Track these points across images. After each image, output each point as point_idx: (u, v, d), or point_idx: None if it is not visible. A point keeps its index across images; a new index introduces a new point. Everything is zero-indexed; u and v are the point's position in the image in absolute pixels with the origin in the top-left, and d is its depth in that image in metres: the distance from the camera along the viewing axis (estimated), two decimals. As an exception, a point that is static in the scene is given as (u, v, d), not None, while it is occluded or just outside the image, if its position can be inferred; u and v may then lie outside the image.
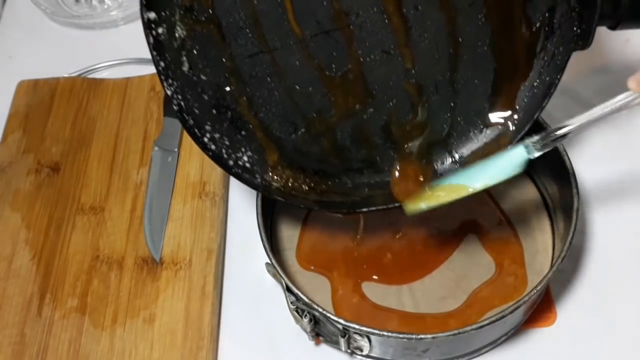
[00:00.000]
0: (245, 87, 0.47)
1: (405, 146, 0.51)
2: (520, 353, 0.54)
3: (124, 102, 0.70)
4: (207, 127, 0.47)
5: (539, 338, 0.55)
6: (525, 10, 0.47)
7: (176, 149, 0.65)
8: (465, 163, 0.51)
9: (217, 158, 0.48)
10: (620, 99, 0.41)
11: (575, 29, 0.45)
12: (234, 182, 0.65)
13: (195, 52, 0.45)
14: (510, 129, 0.50)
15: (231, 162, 0.48)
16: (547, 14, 0.47)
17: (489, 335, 0.52)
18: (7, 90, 0.71)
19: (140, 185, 0.64)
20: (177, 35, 0.45)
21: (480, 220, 0.58)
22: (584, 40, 0.45)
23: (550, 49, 0.47)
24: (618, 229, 0.60)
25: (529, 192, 0.59)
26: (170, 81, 0.45)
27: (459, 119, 0.51)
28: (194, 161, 0.64)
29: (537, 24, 0.47)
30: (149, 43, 0.44)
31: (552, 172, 0.56)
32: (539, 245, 0.56)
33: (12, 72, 0.74)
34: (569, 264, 0.58)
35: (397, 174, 0.52)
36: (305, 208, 0.51)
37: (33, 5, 0.78)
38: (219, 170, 0.64)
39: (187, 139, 0.66)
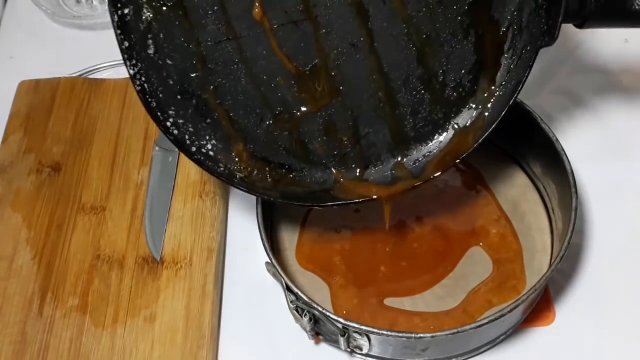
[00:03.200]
0: (211, 74, 0.47)
1: (372, 143, 0.51)
2: (519, 352, 0.54)
3: (125, 102, 0.70)
4: (171, 112, 0.46)
5: (538, 338, 0.55)
6: (493, 11, 0.47)
7: (177, 149, 0.65)
8: (430, 160, 0.51)
9: (179, 143, 0.47)
10: None
11: (542, 26, 0.45)
12: (234, 182, 0.65)
13: (162, 36, 0.45)
14: (477, 125, 0.50)
15: (194, 149, 0.47)
16: (515, 13, 0.47)
17: (488, 334, 0.52)
18: (8, 91, 0.71)
19: (141, 185, 0.64)
20: (144, 17, 0.44)
21: (480, 219, 0.58)
22: (550, 36, 0.45)
23: (519, 48, 0.48)
24: (617, 228, 0.60)
25: (527, 191, 0.60)
26: (134, 62, 0.44)
27: (426, 116, 0.51)
28: (194, 161, 0.65)
29: (506, 24, 0.47)
30: (113, 22, 0.42)
31: (551, 172, 0.56)
32: (538, 245, 0.57)
33: (13, 73, 0.74)
34: (568, 263, 0.58)
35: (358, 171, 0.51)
36: (269, 200, 0.51)
37: (34, 6, 0.78)
38: (219, 170, 0.64)
39: (187, 139, 0.66)
